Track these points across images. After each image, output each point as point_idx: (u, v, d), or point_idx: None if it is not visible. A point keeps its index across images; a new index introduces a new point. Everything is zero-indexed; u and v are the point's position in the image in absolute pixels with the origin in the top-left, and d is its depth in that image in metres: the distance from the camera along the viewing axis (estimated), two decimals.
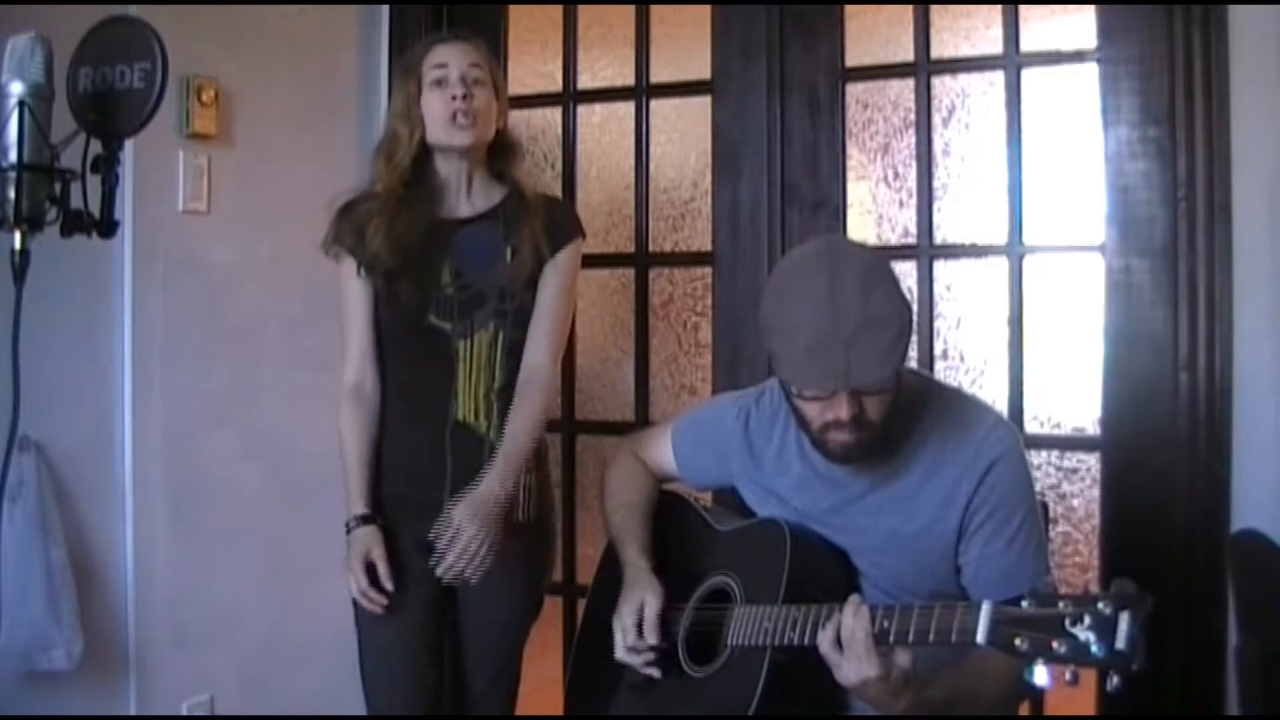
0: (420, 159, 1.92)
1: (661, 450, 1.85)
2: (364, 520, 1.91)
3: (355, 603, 1.93)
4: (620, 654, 1.60)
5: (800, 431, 1.54)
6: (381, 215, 1.88)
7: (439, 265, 1.91)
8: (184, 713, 2.33)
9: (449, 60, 1.89)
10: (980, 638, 1.19)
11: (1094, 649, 1.10)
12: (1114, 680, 1.09)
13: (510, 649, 1.99)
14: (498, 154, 1.98)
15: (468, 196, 1.97)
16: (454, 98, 1.87)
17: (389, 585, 1.87)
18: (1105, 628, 1.09)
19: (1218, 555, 2.07)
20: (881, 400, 1.42)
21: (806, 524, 1.58)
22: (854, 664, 1.29)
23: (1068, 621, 1.12)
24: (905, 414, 1.52)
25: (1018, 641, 1.15)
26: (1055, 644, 1.12)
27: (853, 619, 1.30)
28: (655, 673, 1.59)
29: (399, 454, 1.96)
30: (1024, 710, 2.10)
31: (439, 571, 1.83)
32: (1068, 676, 1.12)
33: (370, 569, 1.87)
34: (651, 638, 1.57)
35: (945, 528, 1.49)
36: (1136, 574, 1.13)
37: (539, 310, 1.95)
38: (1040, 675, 1.13)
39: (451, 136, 1.90)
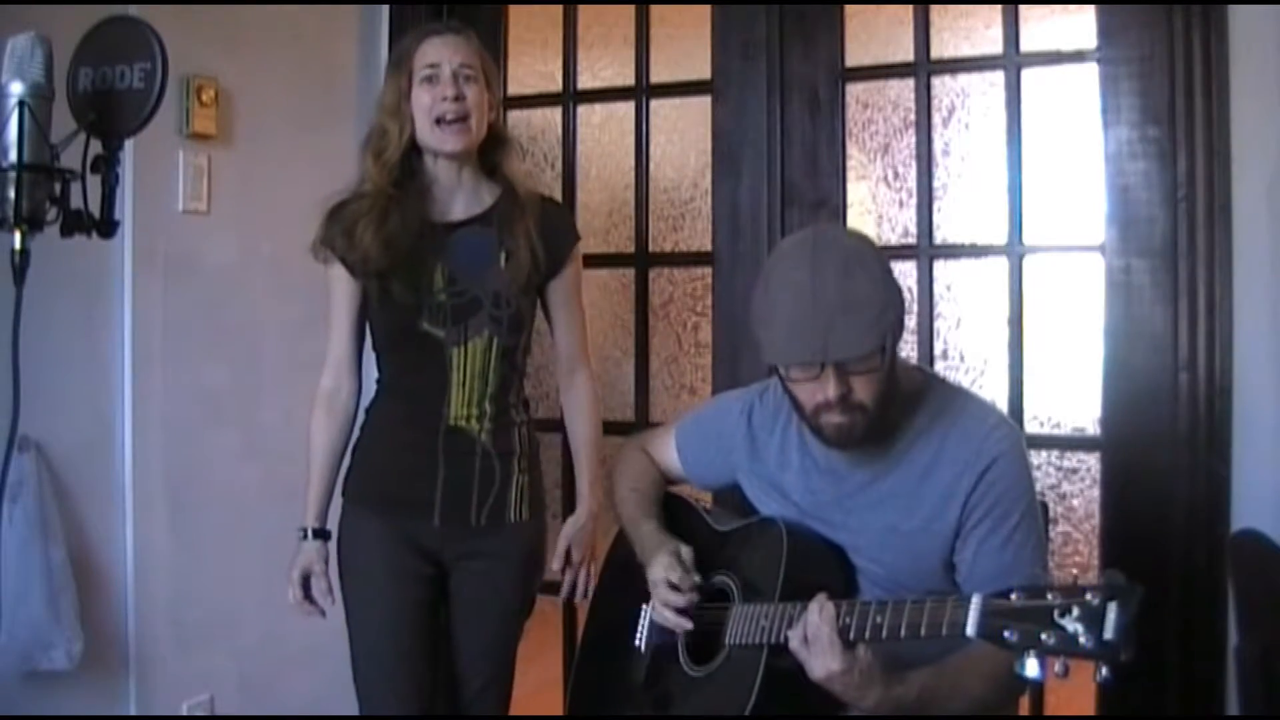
0: (409, 156, 1.90)
1: (666, 451, 1.85)
2: (315, 534, 1.95)
3: (348, 604, 1.94)
4: (660, 602, 1.59)
5: (801, 424, 1.56)
6: (371, 214, 1.86)
7: (432, 269, 1.89)
8: (184, 713, 2.33)
9: (440, 59, 1.86)
10: (970, 630, 1.20)
11: (1082, 640, 1.10)
12: (1103, 671, 1.09)
13: (504, 649, 1.99)
14: (490, 149, 1.95)
15: (460, 197, 1.94)
16: (444, 98, 1.85)
17: (326, 601, 1.93)
18: (1094, 618, 1.10)
19: (1218, 555, 2.07)
20: (870, 381, 1.43)
21: (806, 521, 1.58)
22: (819, 659, 1.33)
23: (1056, 613, 1.12)
24: (906, 408, 1.53)
25: (1007, 634, 1.16)
26: (1044, 635, 1.13)
27: (817, 616, 1.34)
28: (688, 623, 1.58)
29: (393, 455, 1.95)
30: (1024, 710, 2.10)
31: (563, 595, 2.03)
32: (1057, 668, 1.13)
33: (310, 582, 1.94)
34: (693, 577, 1.59)
35: (944, 525, 1.49)
36: (1137, 574, 1.12)
37: (561, 326, 2.03)
38: (1031, 667, 1.14)
39: (442, 142, 1.87)
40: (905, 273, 2.38)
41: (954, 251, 2.41)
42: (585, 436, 2.06)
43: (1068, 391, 2.36)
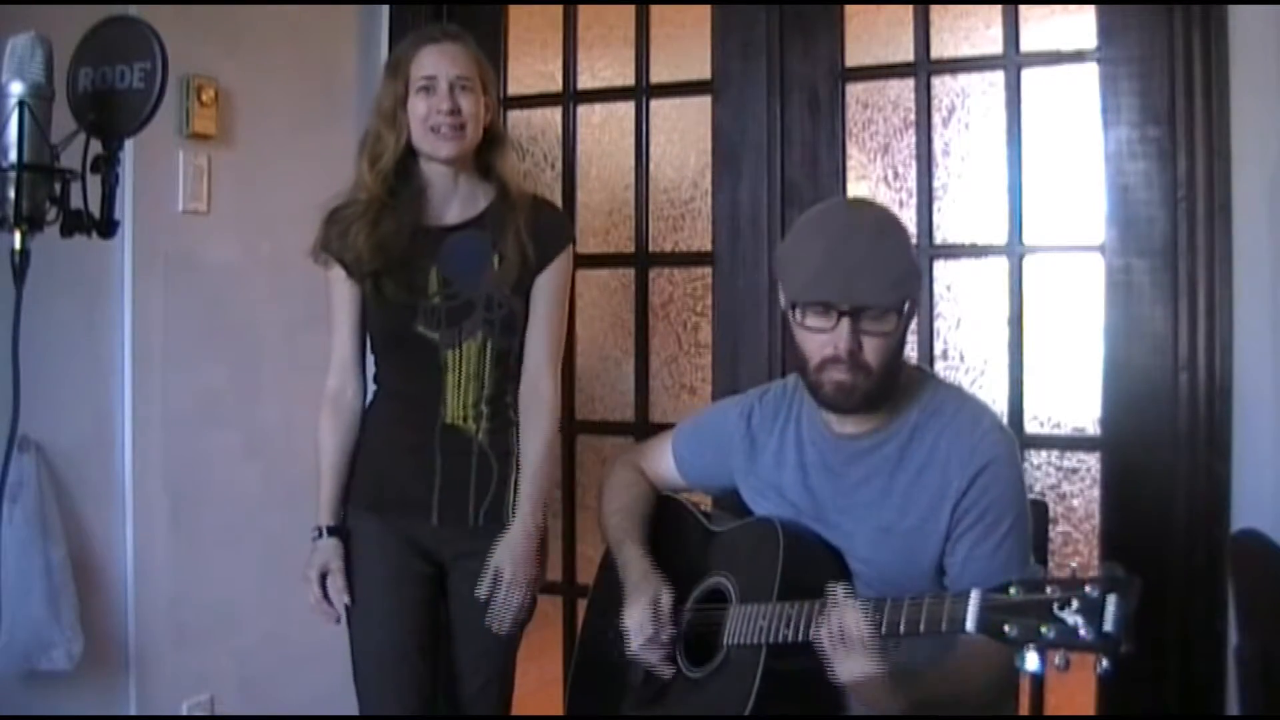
0: (404, 160, 1.91)
1: (662, 458, 1.84)
2: (329, 531, 1.94)
3: (348, 604, 1.94)
4: (636, 649, 1.59)
5: (800, 412, 1.59)
6: (364, 219, 1.88)
7: (426, 273, 1.90)
8: (184, 713, 2.33)
9: (437, 71, 1.87)
10: (970, 625, 1.20)
11: (1082, 632, 1.10)
12: (1103, 663, 1.09)
13: (504, 649, 1.98)
14: (485, 149, 1.96)
15: (455, 201, 1.95)
16: (440, 110, 1.86)
17: (344, 599, 1.91)
18: (1093, 611, 1.09)
19: (1218, 555, 2.07)
20: (881, 344, 1.44)
21: (801, 520, 1.58)
22: (852, 659, 1.29)
23: (1056, 606, 1.12)
24: (904, 404, 1.53)
25: (1006, 628, 1.15)
26: (1044, 629, 1.12)
27: (849, 613, 1.30)
28: (668, 670, 1.59)
29: (389, 456, 1.96)
30: (1024, 710, 2.10)
31: (487, 620, 1.88)
32: (1057, 661, 1.12)
33: (328, 580, 1.92)
34: (668, 631, 1.58)
35: (935, 526, 1.49)
36: (1136, 574, 1.12)
37: (534, 326, 1.95)
38: (1031, 661, 1.13)
39: (436, 149, 1.89)
40: None
41: (954, 251, 2.41)
42: (535, 454, 1.92)
43: (1068, 391, 2.35)
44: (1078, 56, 2.26)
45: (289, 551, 1.97)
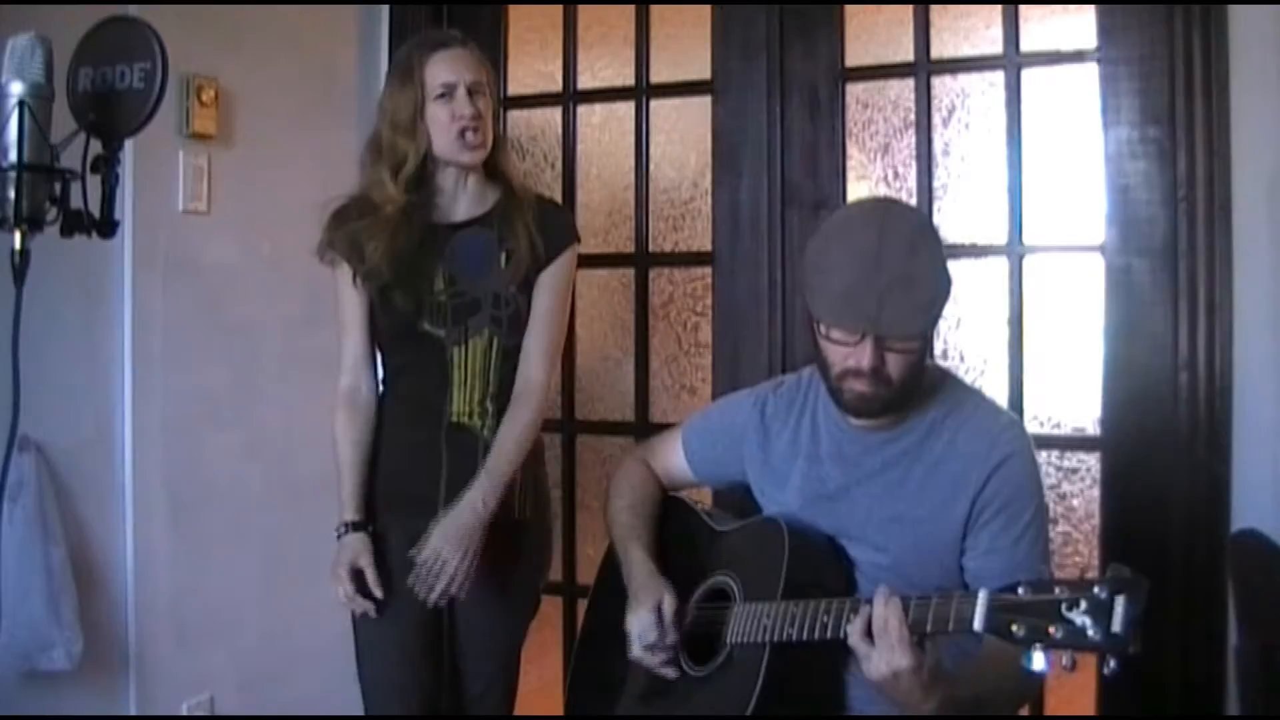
0: (422, 167, 1.92)
1: (671, 452, 1.84)
2: (354, 526, 1.92)
3: (380, 598, 1.93)
4: (636, 653, 1.59)
5: (816, 408, 1.59)
6: (384, 233, 1.87)
7: (433, 271, 1.91)
8: (184, 713, 2.33)
9: (455, 78, 1.87)
10: (978, 625, 1.20)
11: (1090, 633, 1.10)
12: (1110, 664, 1.09)
13: (508, 649, 1.99)
14: (491, 151, 1.96)
15: (463, 200, 1.96)
16: (463, 116, 1.87)
17: (378, 593, 1.89)
18: (1101, 612, 1.10)
19: (1218, 555, 2.07)
20: (905, 360, 1.44)
21: (812, 508, 1.58)
22: (885, 655, 1.27)
23: (1064, 607, 1.12)
24: (922, 400, 1.54)
25: (1014, 628, 1.16)
26: (1052, 629, 1.13)
27: (884, 607, 1.28)
28: (671, 672, 1.59)
29: (395, 454, 1.96)
30: (1024, 710, 2.10)
31: (420, 595, 1.84)
32: (1065, 662, 1.12)
33: (358, 576, 1.89)
34: (672, 636, 1.57)
35: (951, 516, 1.49)
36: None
37: (535, 320, 1.95)
38: (1038, 661, 1.13)
39: (460, 155, 1.90)
40: None
41: (954, 251, 2.40)
42: (508, 438, 1.89)
43: (1068, 391, 2.35)
44: (1078, 56, 2.26)
45: (289, 551, 1.97)
